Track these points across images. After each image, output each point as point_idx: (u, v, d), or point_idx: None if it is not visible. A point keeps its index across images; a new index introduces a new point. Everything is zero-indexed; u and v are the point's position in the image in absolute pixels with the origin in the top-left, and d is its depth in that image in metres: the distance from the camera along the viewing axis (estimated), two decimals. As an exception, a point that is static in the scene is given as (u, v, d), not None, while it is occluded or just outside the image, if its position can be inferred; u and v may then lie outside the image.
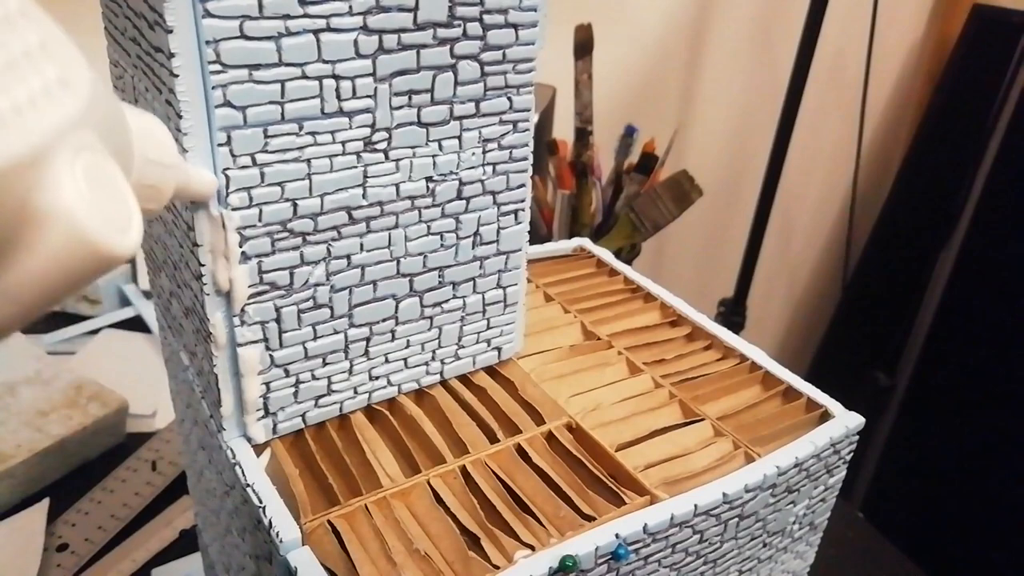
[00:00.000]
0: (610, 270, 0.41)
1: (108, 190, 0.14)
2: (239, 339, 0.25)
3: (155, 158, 0.18)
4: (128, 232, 0.14)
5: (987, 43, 1.11)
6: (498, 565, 0.23)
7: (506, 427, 0.29)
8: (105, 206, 0.13)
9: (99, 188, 0.13)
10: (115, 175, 0.14)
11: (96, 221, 0.13)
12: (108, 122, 0.15)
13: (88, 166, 0.13)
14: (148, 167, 0.18)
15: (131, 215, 0.14)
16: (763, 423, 0.30)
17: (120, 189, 0.14)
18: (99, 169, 0.14)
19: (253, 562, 0.27)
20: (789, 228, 1.32)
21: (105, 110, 0.15)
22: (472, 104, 0.26)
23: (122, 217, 0.14)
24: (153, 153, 0.18)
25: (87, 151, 0.14)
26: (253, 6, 0.21)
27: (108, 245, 0.13)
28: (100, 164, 0.14)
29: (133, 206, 0.14)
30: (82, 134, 0.13)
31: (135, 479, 0.53)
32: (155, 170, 0.18)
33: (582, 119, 0.70)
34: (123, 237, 0.14)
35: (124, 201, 0.14)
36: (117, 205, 0.14)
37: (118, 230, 0.14)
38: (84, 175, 0.13)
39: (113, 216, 0.14)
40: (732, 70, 1.13)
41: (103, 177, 0.14)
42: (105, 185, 0.14)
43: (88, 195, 0.13)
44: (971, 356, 1.08)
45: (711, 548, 0.28)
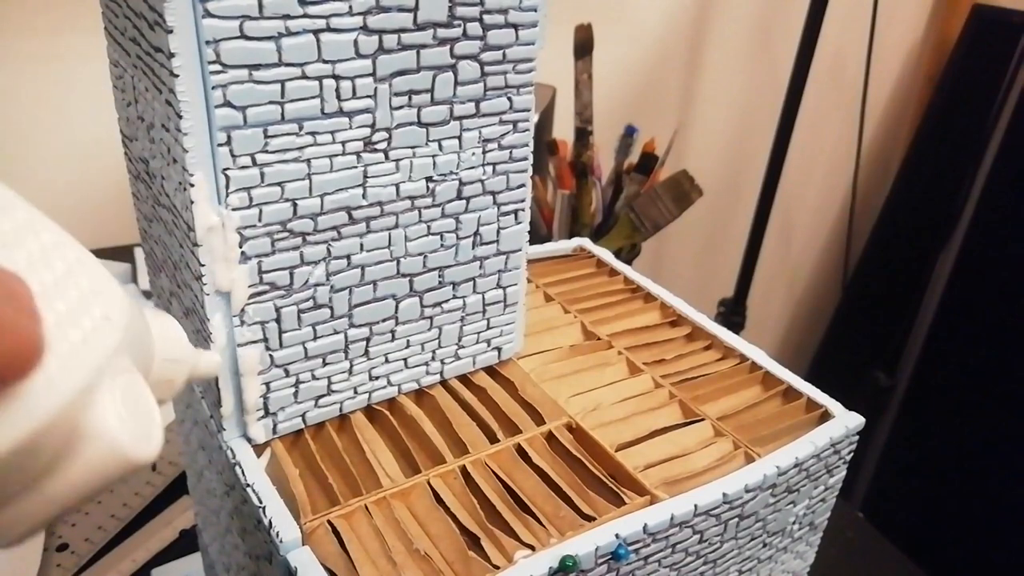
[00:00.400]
0: (610, 270, 0.40)
1: (138, 405, 0.16)
2: (239, 339, 0.25)
3: (171, 357, 0.20)
4: (154, 439, 0.16)
5: (987, 43, 1.11)
6: (498, 565, 0.23)
7: (506, 427, 0.29)
8: (135, 419, 0.15)
9: (131, 403, 0.15)
10: (144, 391, 0.16)
11: (129, 436, 0.15)
12: (136, 337, 0.17)
13: (124, 386, 0.15)
14: (165, 365, 0.20)
15: (154, 423, 0.16)
16: (763, 423, 0.30)
17: (147, 403, 0.16)
18: (131, 385, 0.16)
19: (253, 562, 0.27)
20: (789, 228, 1.32)
21: (135, 328, 0.17)
22: (472, 104, 0.26)
23: (148, 425, 0.16)
24: (169, 353, 0.20)
25: (123, 373, 0.16)
26: (253, 6, 0.21)
27: (138, 456, 0.15)
28: (132, 381, 0.16)
29: (157, 416, 0.16)
30: (119, 359, 0.15)
31: (135, 479, 0.53)
32: (170, 367, 0.20)
33: (582, 119, 0.70)
34: (148, 446, 0.16)
35: (149, 410, 0.16)
36: (144, 417, 0.16)
37: (145, 440, 0.16)
38: (121, 396, 0.15)
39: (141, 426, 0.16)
40: (732, 70, 1.13)
41: (134, 391, 0.16)
42: (136, 400, 0.16)
43: (123, 413, 0.15)
44: (971, 356, 1.08)
45: (711, 548, 0.28)
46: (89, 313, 0.15)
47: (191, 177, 0.22)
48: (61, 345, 0.14)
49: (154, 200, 0.27)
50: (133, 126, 0.28)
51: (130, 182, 0.32)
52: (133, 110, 0.27)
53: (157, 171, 0.26)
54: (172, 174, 0.24)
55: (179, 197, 0.24)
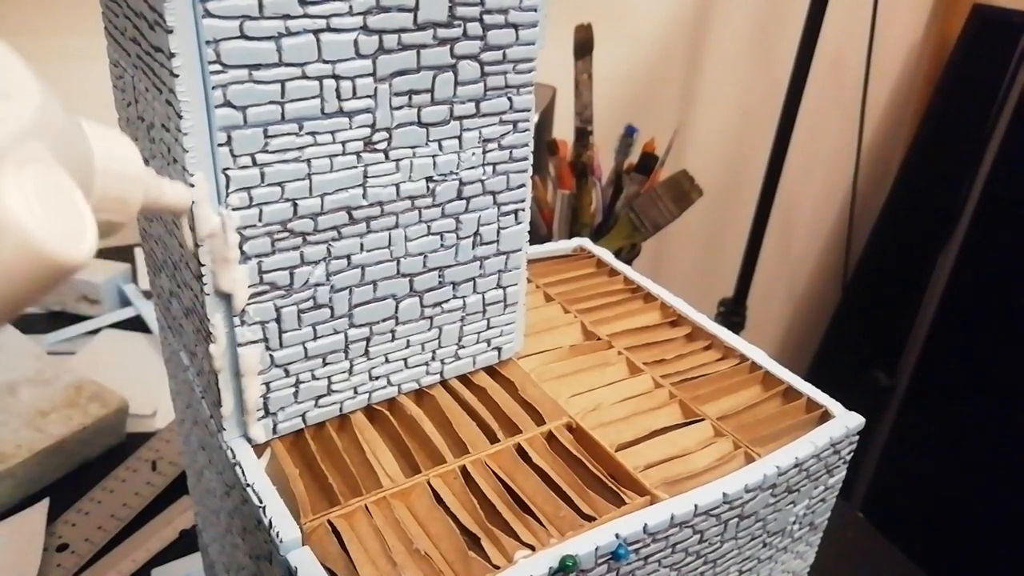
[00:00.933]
0: (610, 270, 0.41)
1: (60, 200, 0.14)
2: (239, 339, 0.25)
3: (117, 171, 0.18)
4: (81, 240, 0.14)
5: (987, 43, 1.11)
6: (498, 565, 0.23)
7: (506, 427, 0.29)
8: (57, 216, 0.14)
9: (50, 199, 0.14)
10: (66, 185, 0.14)
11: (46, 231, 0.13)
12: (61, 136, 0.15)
13: (37, 177, 0.14)
14: (111, 180, 0.18)
15: (84, 224, 0.14)
16: (763, 423, 0.30)
17: (72, 199, 0.14)
18: (49, 180, 0.14)
19: (253, 562, 0.27)
20: (789, 228, 1.32)
21: (58, 125, 0.15)
22: (472, 104, 0.26)
23: (75, 226, 0.14)
24: (116, 166, 0.18)
25: (36, 163, 0.14)
26: (253, 6, 0.21)
27: (60, 253, 0.13)
28: (50, 175, 0.14)
29: (87, 215, 0.15)
30: (29, 146, 0.14)
31: (135, 479, 0.53)
32: (119, 183, 0.18)
33: (582, 119, 0.70)
34: (76, 245, 0.14)
35: (77, 210, 0.14)
36: (69, 214, 0.14)
37: (71, 238, 0.14)
38: (33, 186, 0.13)
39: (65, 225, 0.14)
40: (732, 70, 1.13)
41: (54, 188, 0.14)
42: (56, 196, 0.14)
43: (38, 206, 0.13)
44: (971, 356, 1.08)
45: (711, 548, 0.28)
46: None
47: (191, 177, 0.22)
48: None
49: (154, 200, 0.27)
50: (133, 126, 0.28)
51: (130, 182, 0.32)
52: (133, 110, 0.27)
53: (157, 171, 0.26)
54: (172, 174, 0.24)
55: (179, 197, 0.24)
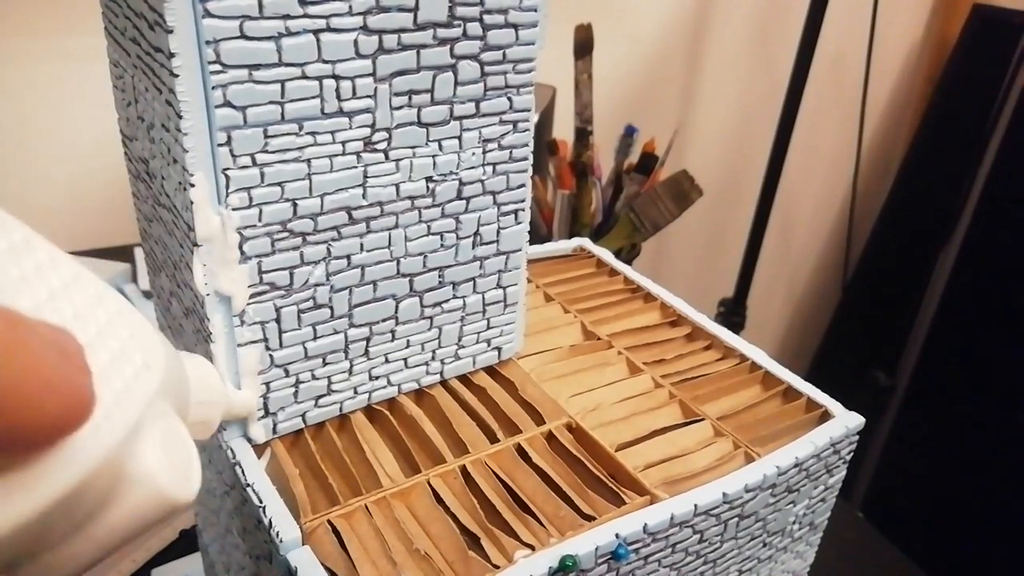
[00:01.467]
0: (610, 270, 0.41)
1: (176, 446, 0.16)
2: (239, 339, 0.25)
3: (206, 399, 0.20)
4: (192, 480, 0.16)
5: (987, 43, 1.11)
6: (498, 565, 0.23)
7: (506, 427, 0.29)
8: (175, 462, 0.16)
9: (170, 446, 0.16)
10: (182, 432, 0.17)
11: (170, 479, 0.15)
12: (174, 382, 0.17)
13: (163, 429, 0.16)
14: (200, 407, 0.20)
15: (192, 464, 0.17)
16: (763, 423, 0.30)
17: (186, 445, 0.17)
18: (170, 429, 0.16)
19: (253, 562, 0.27)
20: (789, 228, 1.32)
21: (175, 378, 0.17)
22: (472, 104, 0.26)
23: (187, 467, 0.16)
24: (205, 395, 0.20)
25: (162, 416, 0.16)
26: (253, 6, 0.21)
27: (178, 498, 0.16)
28: (171, 425, 0.16)
29: (195, 457, 0.17)
30: (159, 404, 0.16)
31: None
32: (205, 408, 0.20)
33: (582, 119, 0.70)
34: (188, 488, 0.16)
35: (188, 452, 0.17)
36: (183, 457, 0.16)
37: (185, 481, 0.16)
38: (161, 439, 0.15)
39: (180, 469, 0.16)
40: (732, 70, 1.13)
41: (173, 435, 0.16)
42: (175, 443, 0.16)
43: (163, 457, 0.15)
44: (971, 356, 1.08)
45: (711, 548, 0.28)
46: (130, 361, 0.15)
47: (191, 177, 0.22)
48: (105, 394, 0.14)
49: (154, 200, 0.28)
50: (133, 126, 0.28)
51: (130, 182, 0.32)
52: (133, 110, 0.27)
53: (157, 171, 0.26)
54: (172, 174, 0.24)
55: (179, 197, 0.24)
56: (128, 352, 0.15)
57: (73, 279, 0.15)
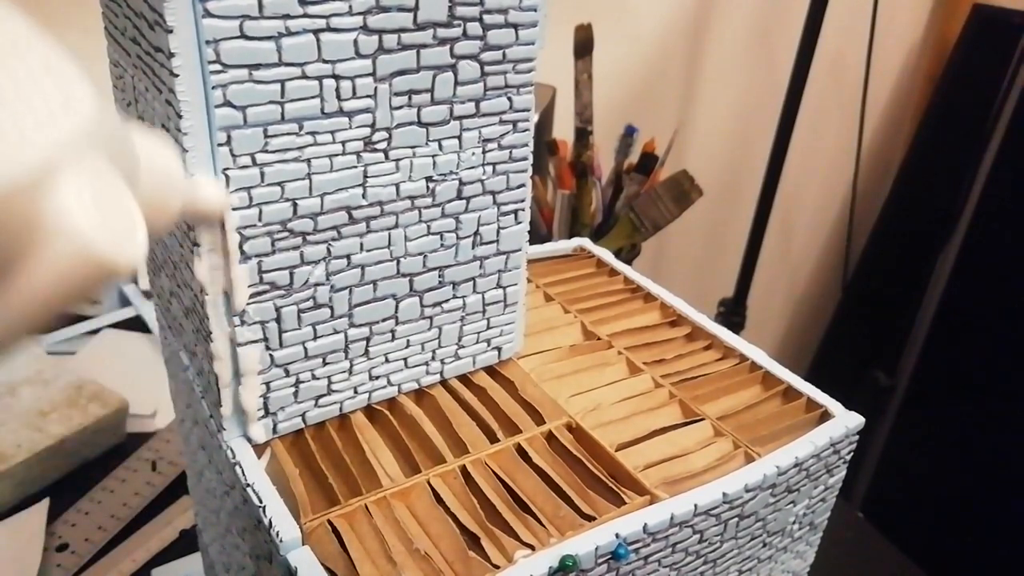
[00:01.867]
0: (610, 270, 0.41)
1: (112, 204, 0.14)
2: (239, 339, 0.25)
3: (161, 176, 0.18)
4: (132, 243, 0.14)
5: (987, 43, 1.11)
6: (498, 565, 0.23)
7: (506, 427, 0.29)
8: (110, 219, 0.14)
9: (104, 202, 0.14)
10: (119, 189, 0.15)
11: (101, 234, 0.14)
12: (113, 140, 0.16)
13: (93, 181, 0.14)
14: (154, 184, 0.18)
15: (135, 227, 0.15)
16: (763, 423, 0.30)
17: (124, 202, 0.15)
18: (104, 184, 0.14)
19: (253, 562, 0.27)
20: (789, 228, 1.32)
21: (110, 129, 0.15)
22: (472, 104, 0.26)
23: (126, 229, 0.15)
24: (160, 171, 0.18)
25: (92, 167, 0.14)
26: (253, 6, 0.21)
27: (113, 256, 0.14)
28: (105, 179, 0.14)
29: (137, 218, 0.15)
30: (86, 152, 0.14)
31: (135, 479, 0.53)
32: (162, 188, 0.18)
33: (582, 119, 0.70)
34: (127, 248, 0.14)
35: (128, 213, 0.15)
36: (121, 217, 0.15)
37: (122, 241, 0.14)
38: (89, 190, 0.14)
39: (117, 228, 0.14)
40: (732, 70, 1.13)
41: (108, 191, 0.14)
42: (110, 199, 0.14)
43: (93, 210, 0.14)
44: (971, 356, 1.08)
45: (711, 548, 0.28)
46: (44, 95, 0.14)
47: (191, 177, 0.22)
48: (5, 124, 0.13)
49: (154, 200, 0.27)
50: (133, 126, 0.28)
51: (130, 182, 0.32)
52: (133, 110, 0.27)
53: (157, 171, 0.26)
54: (172, 174, 0.24)
55: (179, 197, 0.24)
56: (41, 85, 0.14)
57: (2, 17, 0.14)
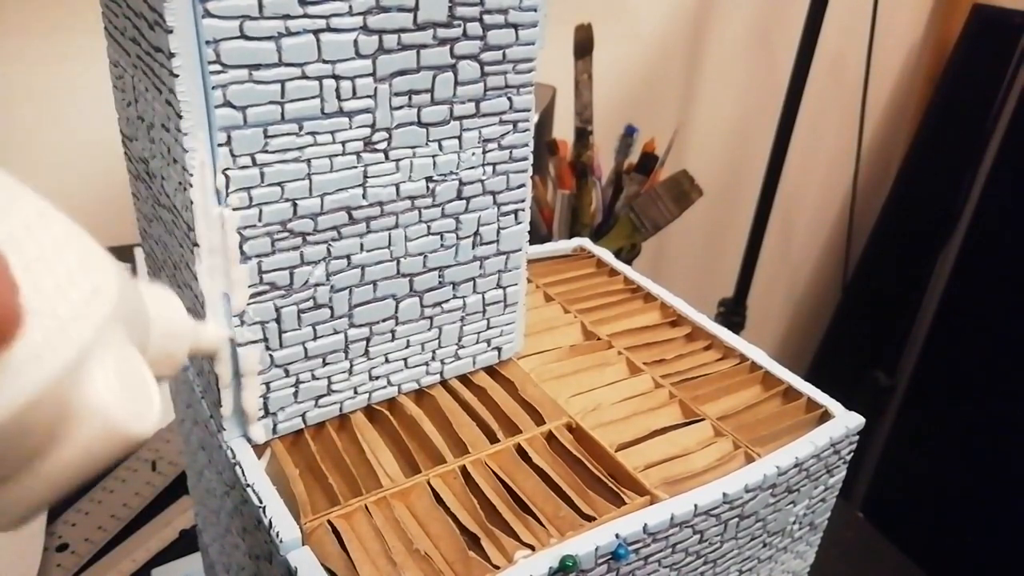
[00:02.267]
0: (610, 270, 0.41)
1: (132, 377, 0.15)
2: (239, 339, 0.25)
3: (169, 331, 0.20)
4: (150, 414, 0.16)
5: (987, 43, 1.11)
6: (498, 565, 0.23)
7: (506, 427, 0.29)
8: (130, 394, 0.15)
9: (125, 378, 0.15)
10: (138, 363, 0.16)
11: (124, 412, 0.15)
12: (130, 311, 0.16)
13: (117, 359, 0.15)
14: (163, 339, 0.19)
15: (152, 397, 0.16)
16: (763, 423, 0.30)
17: (142, 375, 0.16)
18: (125, 360, 0.15)
19: (253, 562, 0.27)
20: (789, 228, 1.32)
21: (130, 304, 0.16)
22: (472, 104, 0.26)
23: (145, 400, 0.16)
24: (167, 326, 0.19)
25: (115, 345, 0.15)
26: (253, 6, 0.21)
27: (134, 432, 0.15)
28: (126, 355, 0.15)
29: (153, 387, 0.16)
30: (111, 331, 0.15)
31: (135, 479, 0.53)
32: (170, 341, 0.20)
33: (582, 119, 0.70)
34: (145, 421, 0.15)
35: (145, 384, 0.16)
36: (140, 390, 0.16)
37: (141, 414, 0.15)
38: (113, 368, 0.15)
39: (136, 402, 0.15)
40: (732, 70, 1.13)
41: (128, 366, 0.15)
42: (130, 373, 0.15)
43: (117, 388, 0.15)
44: (971, 356, 1.08)
45: (711, 548, 0.28)
46: (78, 287, 0.15)
47: (191, 177, 0.22)
48: (48, 319, 0.13)
49: (154, 200, 0.27)
50: (133, 126, 0.28)
51: (130, 182, 0.32)
52: (133, 110, 0.27)
53: (157, 171, 0.26)
54: (172, 174, 0.24)
55: (179, 197, 0.24)
56: (75, 277, 0.15)
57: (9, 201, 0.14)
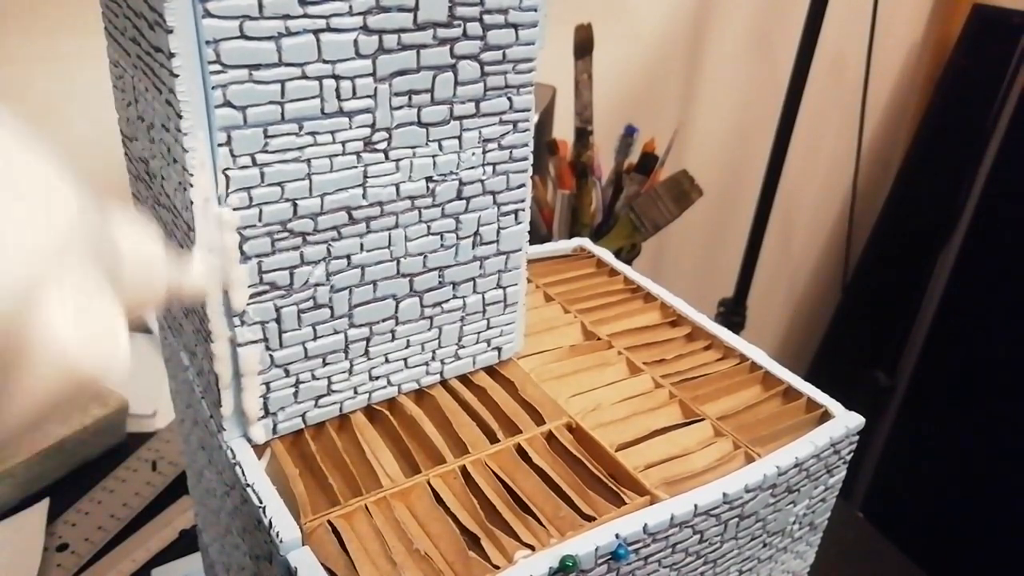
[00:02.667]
0: (610, 270, 0.40)
1: (96, 311, 0.14)
2: (239, 339, 0.25)
3: (144, 262, 0.18)
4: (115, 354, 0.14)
5: (987, 43, 1.11)
6: (498, 565, 0.23)
7: (506, 427, 0.29)
8: (93, 329, 0.14)
9: (87, 311, 0.14)
10: (102, 293, 0.14)
11: (85, 349, 0.13)
12: (95, 237, 0.15)
13: (76, 289, 0.14)
14: (138, 272, 0.18)
15: (117, 334, 0.15)
16: (763, 423, 0.30)
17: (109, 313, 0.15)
18: (88, 293, 0.14)
19: (253, 562, 0.27)
20: (789, 228, 1.32)
21: (91, 225, 0.15)
22: (472, 104, 0.26)
23: (108, 337, 0.14)
24: (143, 258, 0.18)
25: (74, 273, 0.14)
26: (253, 6, 0.21)
27: (97, 371, 0.14)
28: (87, 284, 0.14)
29: (121, 325, 0.15)
30: (67, 257, 0.14)
31: (135, 479, 0.53)
32: (145, 274, 0.18)
33: (582, 119, 0.70)
34: (111, 362, 0.14)
35: (112, 321, 0.15)
36: (105, 326, 0.14)
37: (107, 354, 0.14)
38: (72, 300, 0.13)
39: (100, 339, 0.14)
40: (732, 70, 1.13)
41: (93, 301, 0.14)
42: (95, 308, 0.14)
43: (76, 322, 0.13)
44: (971, 356, 1.08)
45: (711, 548, 0.28)
46: (30, 212, 0.13)
47: (191, 177, 0.22)
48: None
49: (154, 200, 0.27)
50: (133, 126, 0.28)
51: (130, 182, 0.32)
52: (133, 110, 0.27)
53: (157, 171, 0.26)
54: (172, 174, 0.24)
55: (179, 197, 0.24)
56: (27, 202, 0.13)
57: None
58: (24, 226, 0.13)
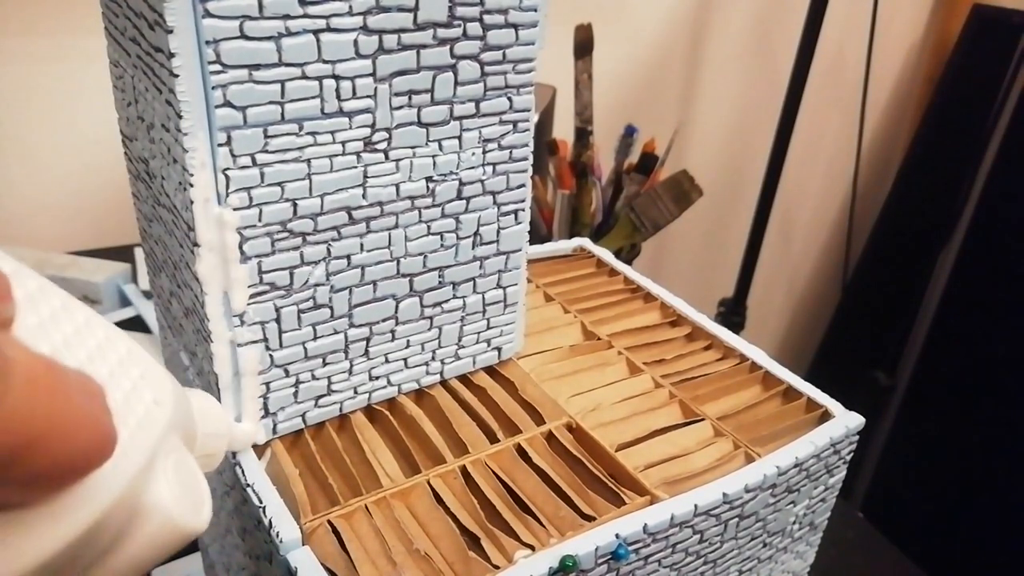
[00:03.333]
0: (610, 270, 0.41)
1: (187, 477, 0.17)
2: (239, 339, 0.25)
3: (212, 431, 0.21)
4: (204, 510, 0.17)
5: (987, 43, 1.11)
6: (498, 565, 0.23)
7: (506, 427, 0.29)
8: (186, 492, 0.17)
9: (182, 477, 0.17)
10: (192, 466, 0.17)
11: (183, 509, 0.16)
12: (183, 418, 0.18)
13: (175, 464, 0.17)
14: (206, 439, 0.21)
15: (203, 494, 0.17)
16: (763, 423, 0.30)
17: (196, 476, 0.17)
18: (181, 461, 0.17)
19: (253, 562, 0.27)
20: (789, 228, 1.32)
21: (183, 412, 0.18)
22: (472, 104, 0.26)
23: (197, 499, 0.17)
24: (210, 427, 0.21)
25: (173, 452, 0.17)
26: (253, 6, 0.21)
27: (191, 527, 0.17)
28: (182, 460, 0.17)
29: (204, 485, 0.18)
30: (170, 439, 0.17)
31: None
32: (211, 440, 0.21)
33: (582, 119, 0.70)
34: (199, 518, 0.17)
35: (198, 482, 0.17)
36: (194, 489, 0.17)
37: (195, 512, 0.17)
38: (173, 472, 0.16)
39: (192, 498, 0.17)
40: (732, 70, 1.13)
41: (183, 467, 0.17)
42: (185, 475, 0.17)
43: (176, 489, 0.16)
44: (971, 356, 1.08)
45: (711, 548, 0.28)
46: (141, 399, 0.16)
47: (191, 177, 0.22)
48: (121, 432, 0.15)
49: (154, 200, 0.28)
50: (133, 126, 0.28)
51: (130, 182, 0.32)
52: (133, 110, 0.27)
53: (157, 171, 0.26)
54: (172, 174, 0.24)
55: (179, 197, 0.24)
56: (139, 390, 0.16)
57: (85, 323, 0.16)
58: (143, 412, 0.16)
